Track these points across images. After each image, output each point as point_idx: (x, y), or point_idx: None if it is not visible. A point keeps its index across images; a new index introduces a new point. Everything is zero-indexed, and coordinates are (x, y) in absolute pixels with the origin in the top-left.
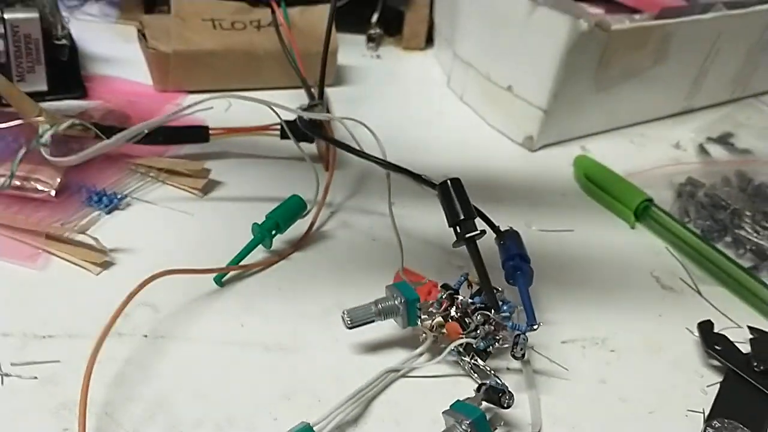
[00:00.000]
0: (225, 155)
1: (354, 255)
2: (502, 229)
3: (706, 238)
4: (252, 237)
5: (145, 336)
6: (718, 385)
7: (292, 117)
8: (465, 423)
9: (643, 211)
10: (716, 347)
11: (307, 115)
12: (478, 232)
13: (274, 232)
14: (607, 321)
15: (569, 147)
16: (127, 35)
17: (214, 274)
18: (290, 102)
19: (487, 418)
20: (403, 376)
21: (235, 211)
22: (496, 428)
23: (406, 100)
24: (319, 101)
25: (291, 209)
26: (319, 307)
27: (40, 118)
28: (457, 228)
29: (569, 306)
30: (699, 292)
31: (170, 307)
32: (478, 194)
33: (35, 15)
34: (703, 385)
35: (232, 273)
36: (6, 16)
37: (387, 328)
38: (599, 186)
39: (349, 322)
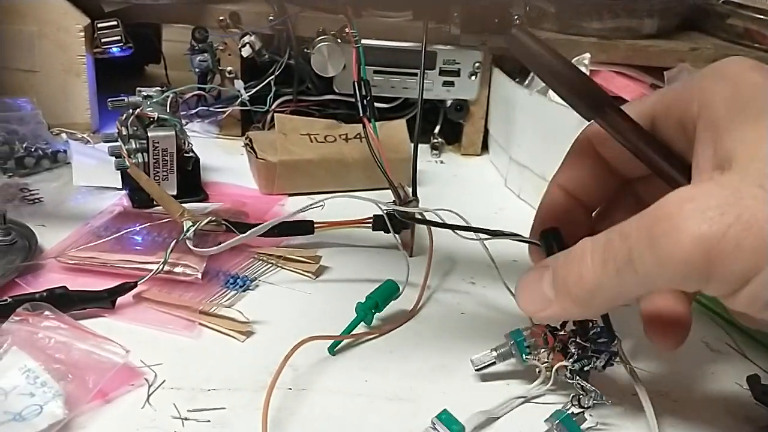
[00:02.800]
0: (326, 245)
1: (448, 325)
2: None
3: None
4: (355, 314)
5: (290, 389)
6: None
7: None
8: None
9: None
10: (764, 395)
11: (411, 210)
12: None
13: (373, 310)
14: (668, 378)
15: None
16: (228, 148)
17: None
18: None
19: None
20: (527, 401)
21: (343, 291)
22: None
23: (471, 198)
24: (414, 197)
25: (387, 291)
26: (426, 366)
27: (185, 217)
28: None
29: (636, 366)
30: (744, 354)
31: (305, 367)
32: None
33: (172, 133)
34: (755, 427)
35: (356, 339)
36: (150, 134)
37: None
38: None
39: (477, 365)
